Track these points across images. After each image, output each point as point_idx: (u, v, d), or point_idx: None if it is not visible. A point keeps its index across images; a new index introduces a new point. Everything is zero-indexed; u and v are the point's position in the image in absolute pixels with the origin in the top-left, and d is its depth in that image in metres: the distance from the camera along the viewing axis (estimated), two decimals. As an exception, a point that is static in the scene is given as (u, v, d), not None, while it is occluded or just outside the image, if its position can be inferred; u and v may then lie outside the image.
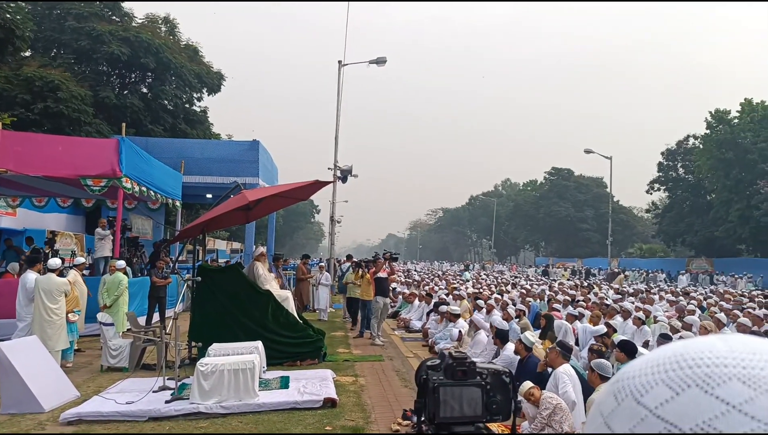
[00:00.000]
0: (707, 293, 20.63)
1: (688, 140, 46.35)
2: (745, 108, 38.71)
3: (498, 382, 0.99)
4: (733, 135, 37.31)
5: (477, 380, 0.98)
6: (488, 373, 0.99)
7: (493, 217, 68.56)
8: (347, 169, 22.67)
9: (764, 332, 9.61)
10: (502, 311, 11.94)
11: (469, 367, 0.97)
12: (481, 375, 0.98)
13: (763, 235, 35.59)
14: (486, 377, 0.98)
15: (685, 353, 0.48)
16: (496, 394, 0.98)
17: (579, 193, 67.02)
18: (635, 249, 62.53)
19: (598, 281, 29.19)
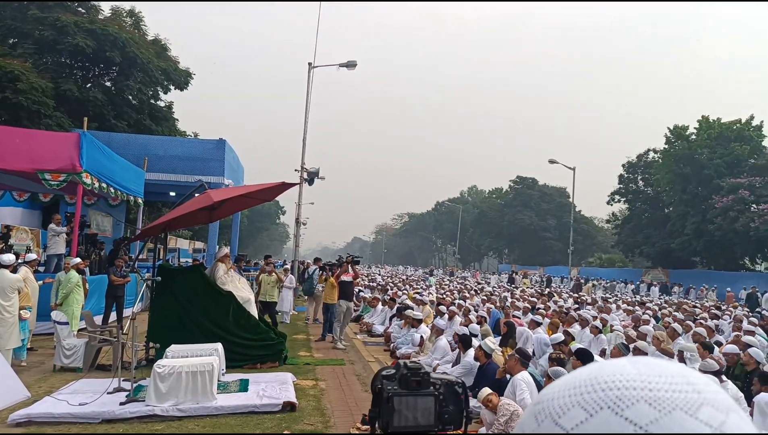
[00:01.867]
0: (662, 304, 21.20)
1: (648, 154, 47.61)
2: (702, 125, 40.00)
3: (451, 392, 1.01)
4: (690, 151, 38.48)
5: (430, 390, 1.00)
6: (441, 383, 1.01)
7: (458, 224, 69.13)
8: (314, 171, 22.60)
9: (715, 343, 9.94)
10: (464, 317, 12.07)
11: (423, 378, 0.99)
12: (434, 385, 1.01)
13: (717, 249, 36.76)
14: (439, 387, 1.01)
15: (599, 376, 0.52)
16: (449, 403, 1.01)
17: (542, 202, 68.14)
18: (595, 258, 63.85)
19: (558, 289, 29.69)
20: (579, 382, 0.52)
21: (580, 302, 19.35)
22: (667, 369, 0.51)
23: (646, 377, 0.50)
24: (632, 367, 0.52)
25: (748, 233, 32.58)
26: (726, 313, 16.45)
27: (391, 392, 0.99)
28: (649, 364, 0.52)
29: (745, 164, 36.47)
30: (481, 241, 76.01)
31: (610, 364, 0.53)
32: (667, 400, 0.47)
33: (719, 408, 0.48)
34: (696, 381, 0.50)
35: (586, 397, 0.50)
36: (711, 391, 0.50)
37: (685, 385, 0.49)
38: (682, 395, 0.48)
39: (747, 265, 39.42)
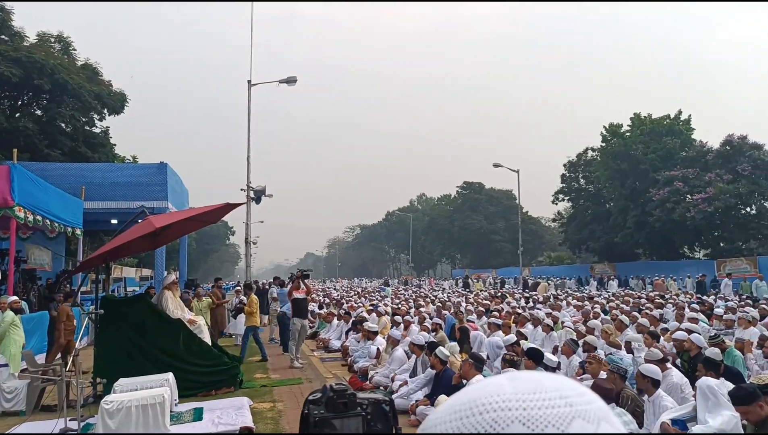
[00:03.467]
0: (610, 296, 21.84)
1: (587, 153, 49.11)
2: (635, 122, 41.63)
3: (378, 411, 1.01)
4: (626, 147, 39.92)
5: (358, 411, 1.00)
6: (369, 403, 1.01)
7: (409, 232, 69.58)
8: (261, 189, 22.31)
9: (662, 330, 10.30)
10: (419, 326, 12.12)
11: (350, 399, 0.99)
12: (361, 405, 1.00)
13: (657, 240, 38.20)
14: (366, 407, 1.00)
15: (477, 399, 0.53)
16: (377, 422, 1.00)
17: (490, 206, 69.33)
18: (544, 257, 65.32)
19: (511, 291, 30.20)
20: (460, 406, 0.53)
21: (533, 301, 19.74)
22: (543, 384, 0.53)
23: (521, 395, 0.52)
24: (510, 385, 0.54)
25: (685, 223, 33.99)
26: (669, 302, 17.06)
27: (318, 416, 0.98)
28: (526, 381, 0.54)
29: (678, 157, 38.09)
30: (433, 248, 76.67)
31: (489, 385, 0.55)
32: (540, 417, 0.49)
33: (590, 420, 0.50)
34: (569, 394, 0.52)
35: (465, 421, 0.51)
36: (583, 402, 0.52)
37: (558, 400, 0.51)
38: (555, 410, 0.50)
39: (686, 253, 41.09)
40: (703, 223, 33.62)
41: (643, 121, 41.10)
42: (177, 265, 25.68)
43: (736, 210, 33.94)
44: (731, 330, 10.58)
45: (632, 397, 5.94)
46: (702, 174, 34.94)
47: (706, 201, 32.72)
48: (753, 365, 7.95)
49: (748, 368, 7.81)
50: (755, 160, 33.78)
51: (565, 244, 52.56)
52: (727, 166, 34.50)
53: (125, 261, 36.42)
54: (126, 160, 33.17)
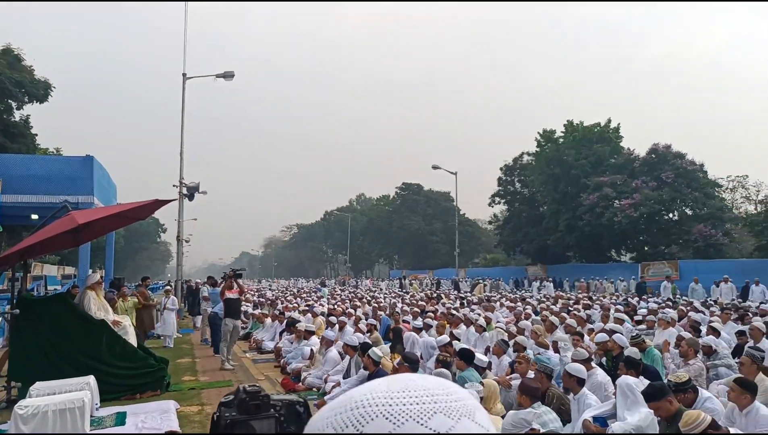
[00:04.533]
0: (541, 298, 22.51)
1: (522, 157, 50.55)
2: (567, 128, 43.23)
3: (292, 412, 0.99)
4: (559, 152, 41.37)
5: (270, 413, 0.97)
6: (282, 404, 0.98)
7: (347, 232, 69.49)
8: (194, 186, 21.75)
9: (588, 331, 10.70)
10: (354, 326, 12.11)
11: (263, 401, 0.96)
12: (275, 407, 0.97)
13: (587, 243, 39.74)
14: (280, 409, 0.98)
15: (354, 397, 0.57)
16: (290, 424, 0.98)
17: (428, 207, 70.21)
18: (480, 259, 66.73)
19: (446, 292, 30.66)
20: (338, 403, 0.58)
21: (468, 302, 20.10)
22: (415, 383, 0.57)
23: (391, 393, 0.56)
24: (385, 385, 0.58)
25: (612, 227, 35.52)
26: (596, 303, 17.74)
27: (229, 418, 0.94)
28: (401, 381, 0.58)
29: (607, 164, 39.77)
30: (371, 249, 76.90)
31: (369, 385, 0.59)
32: (403, 412, 0.54)
33: (451, 415, 0.54)
34: (437, 392, 0.56)
35: (338, 417, 0.56)
36: (449, 399, 0.56)
37: (424, 397, 0.55)
38: (418, 406, 0.54)
39: (613, 256, 42.93)
40: (629, 227, 35.23)
41: (576, 127, 42.71)
42: (103, 264, 24.62)
43: (659, 216, 35.74)
44: (652, 330, 11.09)
45: (558, 395, 6.12)
46: (629, 180, 36.60)
47: (632, 206, 34.30)
48: (670, 364, 8.36)
49: (666, 367, 8.21)
50: (678, 169, 35.69)
51: (500, 246, 53.84)
52: (653, 174, 36.27)
53: (47, 258, 34.67)
54: (49, 152, 31.55)
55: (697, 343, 8.04)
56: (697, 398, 5.24)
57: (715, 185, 38.06)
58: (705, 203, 35.20)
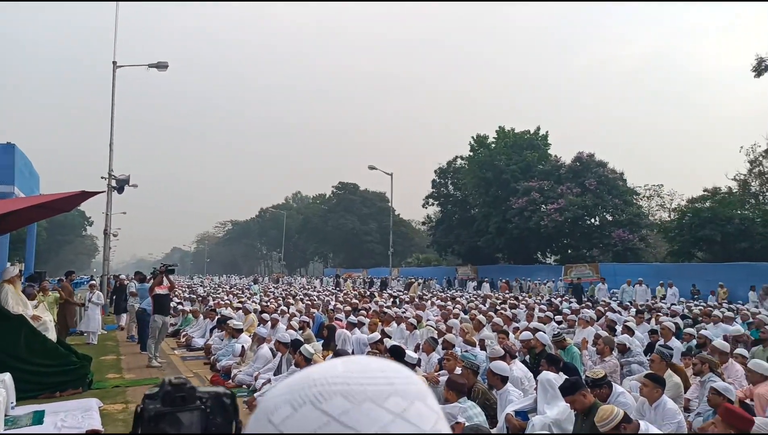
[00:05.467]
0: (470, 297, 23.07)
1: (456, 160, 51.52)
2: (500, 134, 44.48)
3: (218, 404, 1.02)
4: (491, 157, 42.47)
5: (197, 405, 1.00)
6: (209, 396, 1.01)
7: (283, 230, 68.67)
8: (124, 178, 20.94)
9: (514, 329, 11.08)
10: (287, 323, 12.04)
11: (189, 393, 0.98)
12: (201, 399, 1.00)
13: (515, 245, 41.02)
14: (206, 401, 1.01)
15: (310, 376, 0.58)
16: (217, 416, 1.01)
17: (364, 207, 70.46)
18: (413, 259, 67.54)
19: (378, 290, 30.90)
20: (295, 382, 0.59)
21: (400, 301, 20.35)
22: (371, 365, 0.59)
23: (349, 374, 0.57)
24: (342, 366, 0.59)
25: (539, 230, 36.83)
26: (522, 303, 18.36)
27: (153, 411, 0.96)
28: (357, 362, 0.60)
29: (536, 169, 41.15)
30: (306, 247, 76.45)
31: (325, 365, 0.60)
32: (361, 392, 0.55)
33: (406, 397, 0.56)
34: (392, 375, 0.58)
35: (295, 395, 0.56)
36: (404, 383, 0.58)
37: (381, 379, 0.57)
38: (375, 388, 0.56)
39: (539, 258, 44.50)
40: (554, 231, 36.65)
41: (507, 134, 43.99)
42: (23, 257, 23.29)
43: (582, 220, 37.37)
44: (572, 329, 11.62)
45: (483, 391, 6.35)
46: (555, 186, 38.05)
47: (557, 211, 35.68)
48: (588, 361, 8.81)
49: (584, 364, 8.64)
50: (600, 177, 37.42)
51: (432, 246, 54.64)
52: (577, 181, 37.86)
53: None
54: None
55: (612, 342, 8.51)
56: (612, 393, 5.57)
57: (633, 193, 40.15)
58: (624, 210, 37.07)
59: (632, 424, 4.33)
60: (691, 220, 30.40)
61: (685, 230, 30.64)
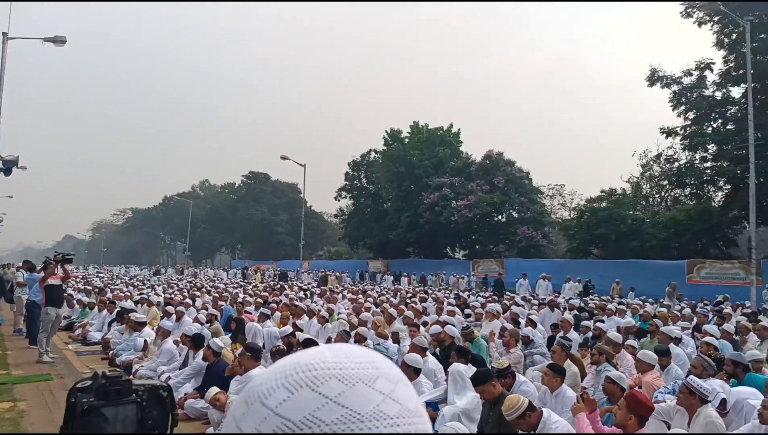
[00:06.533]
0: (382, 290, 23.35)
1: (370, 154, 51.81)
2: (413, 129, 45.16)
3: (155, 396, 0.97)
4: (404, 152, 43.05)
5: (132, 398, 0.95)
6: (145, 389, 0.96)
7: (188, 219, 66.17)
8: (12, 159, 19.37)
9: (422, 323, 11.32)
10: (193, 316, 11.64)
11: (124, 385, 0.93)
12: (137, 392, 0.96)
13: (425, 240, 41.87)
14: (142, 394, 0.96)
15: (301, 361, 0.62)
16: (153, 409, 0.96)
17: (275, 198, 69.37)
18: (324, 251, 67.36)
19: (290, 283, 30.56)
20: (285, 367, 0.62)
21: (310, 294, 20.24)
22: (355, 352, 0.64)
23: (338, 359, 0.61)
24: (329, 352, 0.63)
25: (449, 226, 37.81)
26: (431, 296, 18.81)
27: (87, 404, 0.90)
28: (342, 349, 0.64)
29: (447, 166, 42.17)
30: (213, 237, 74.18)
31: (311, 351, 0.64)
32: (352, 376, 0.59)
33: (391, 380, 0.61)
34: (375, 359, 0.63)
35: (289, 379, 0.59)
36: (386, 366, 0.63)
37: (367, 363, 0.62)
38: (364, 371, 0.60)
39: (449, 253, 45.70)
40: (464, 226, 37.77)
41: (421, 129, 44.73)
42: None
43: (490, 217, 38.75)
44: (479, 322, 12.04)
45: (395, 382, 6.44)
46: (466, 183, 39.18)
47: (467, 207, 36.78)
48: (494, 353, 9.16)
49: (491, 355, 8.98)
50: (508, 175, 38.96)
51: (344, 239, 54.70)
52: (486, 178, 39.19)
53: None
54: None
55: (517, 334, 8.90)
56: (515, 382, 5.83)
57: (537, 192, 42.14)
58: (529, 208, 38.84)
59: (536, 412, 4.55)
60: (588, 219, 32.29)
61: (583, 229, 32.51)
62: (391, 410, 0.59)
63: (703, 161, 29.28)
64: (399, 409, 0.59)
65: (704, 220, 28.03)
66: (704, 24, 27.40)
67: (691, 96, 28.42)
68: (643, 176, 42.21)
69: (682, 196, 34.69)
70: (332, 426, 0.56)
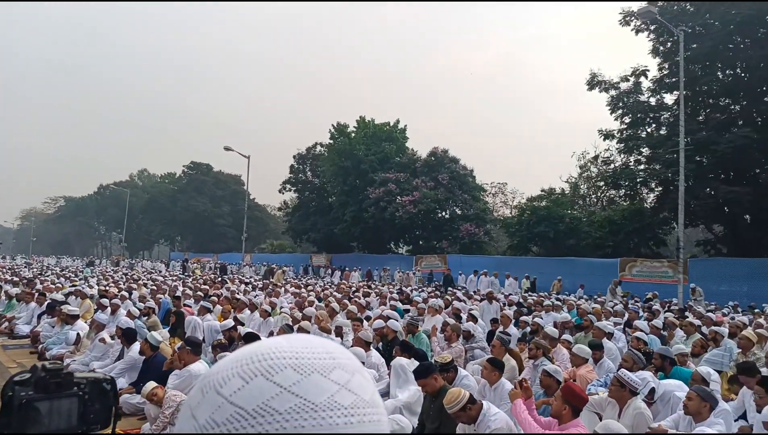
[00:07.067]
0: (324, 285, 23.29)
1: (315, 147, 51.48)
2: (360, 124, 45.13)
3: (97, 390, 0.95)
4: (350, 146, 42.96)
5: (74, 391, 0.92)
6: (87, 382, 0.94)
7: (125, 209, 63.98)
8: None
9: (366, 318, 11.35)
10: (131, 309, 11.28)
11: (65, 378, 0.90)
12: (78, 385, 0.93)
13: (370, 234, 41.97)
14: (84, 387, 0.93)
15: (257, 350, 0.62)
16: (95, 403, 0.94)
17: (217, 189, 68.04)
18: (267, 245, 66.52)
19: (231, 277, 30.03)
20: (240, 356, 0.62)
21: (254, 287, 19.98)
22: (313, 342, 0.64)
23: (295, 349, 0.62)
24: (286, 342, 0.64)
25: (394, 221, 38.04)
26: (374, 291, 18.88)
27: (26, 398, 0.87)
28: (300, 339, 0.65)
29: (393, 161, 42.38)
30: (151, 228, 72.03)
31: (269, 341, 0.64)
32: (308, 365, 0.60)
33: (347, 370, 0.62)
34: (333, 350, 0.64)
35: (245, 368, 0.60)
36: (343, 357, 0.64)
37: (324, 354, 0.62)
38: (321, 361, 0.61)
39: (392, 248, 45.99)
40: (408, 222, 38.07)
41: (368, 124, 44.76)
42: None
43: (434, 213, 39.22)
44: (422, 317, 12.19)
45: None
46: (411, 179, 39.50)
47: (412, 203, 37.10)
48: (436, 347, 9.30)
49: (433, 350, 9.11)
50: (452, 172, 39.51)
51: (288, 232, 54.18)
52: (431, 175, 39.60)
53: None
54: None
55: (459, 329, 9.06)
56: (457, 376, 5.95)
57: (481, 190, 42.95)
58: (472, 205, 39.53)
59: (476, 405, 4.66)
60: (529, 217, 33.17)
61: (523, 226, 33.36)
62: (346, 400, 0.59)
63: (638, 164, 30.52)
64: (354, 400, 0.60)
65: (637, 220, 29.28)
66: (641, 32, 28.59)
67: (628, 101, 29.58)
68: (581, 177, 43.71)
69: (617, 196, 36.11)
70: (285, 415, 0.56)
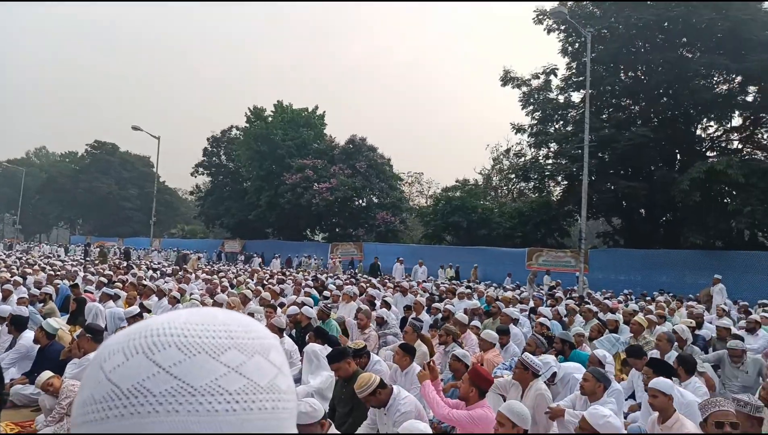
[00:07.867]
0: (238, 271, 22.81)
1: (231, 130, 50.11)
2: (278, 109, 44.31)
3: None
4: (267, 131, 42.12)
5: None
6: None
7: (20, 189, 59.54)
8: None
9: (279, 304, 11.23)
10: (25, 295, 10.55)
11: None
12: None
13: (286, 221, 41.48)
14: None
15: (152, 325, 0.57)
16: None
17: (124, 171, 64.83)
18: (178, 229, 64.21)
19: (137, 262, 28.78)
20: (132, 331, 0.58)
21: (165, 274, 19.28)
22: (215, 318, 0.59)
23: (189, 325, 0.57)
24: (185, 317, 0.58)
25: (310, 208, 37.76)
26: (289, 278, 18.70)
27: None
28: (201, 314, 0.59)
29: (311, 147, 41.99)
30: (49, 210, 67.51)
31: (168, 316, 0.59)
32: (196, 345, 0.55)
33: (245, 351, 0.57)
34: (236, 329, 0.58)
35: (130, 343, 0.55)
36: (245, 337, 0.58)
37: (222, 332, 0.57)
38: (213, 341, 0.56)
39: (308, 235, 45.70)
40: (324, 209, 37.94)
41: (285, 109, 44.04)
42: None
43: (351, 201, 39.30)
44: (336, 304, 12.21)
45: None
46: (328, 166, 39.31)
47: (329, 190, 36.97)
48: (352, 333, 9.36)
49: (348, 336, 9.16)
50: (370, 160, 39.70)
51: (200, 217, 52.60)
52: (349, 162, 39.60)
53: None
54: None
55: (370, 314, 9.16)
56: (369, 362, 6.01)
57: (398, 178, 43.44)
58: (389, 194, 39.93)
59: (386, 389, 4.74)
60: (443, 207, 33.93)
61: (438, 216, 34.10)
62: (233, 385, 0.54)
63: (546, 158, 31.94)
64: (244, 385, 0.55)
65: (544, 212, 30.67)
66: (552, 32, 29.83)
67: (538, 97, 30.85)
68: (493, 169, 45.21)
69: (526, 189, 37.66)
70: (159, 398, 0.52)
